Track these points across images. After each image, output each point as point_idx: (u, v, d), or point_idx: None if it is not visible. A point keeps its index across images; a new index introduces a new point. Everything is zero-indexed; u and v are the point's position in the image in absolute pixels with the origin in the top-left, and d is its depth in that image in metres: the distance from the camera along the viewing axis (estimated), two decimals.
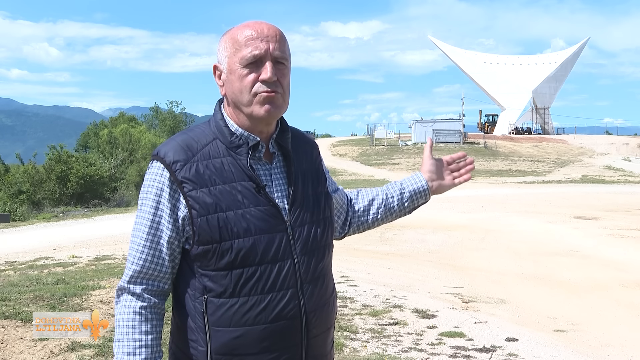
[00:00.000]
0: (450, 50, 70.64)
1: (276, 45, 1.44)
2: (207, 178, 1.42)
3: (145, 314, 1.44)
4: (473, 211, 15.25)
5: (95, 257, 9.20)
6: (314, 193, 1.55)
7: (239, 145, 1.46)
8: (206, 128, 1.51)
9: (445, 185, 1.87)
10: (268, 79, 1.41)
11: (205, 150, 1.45)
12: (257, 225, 1.41)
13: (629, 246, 10.32)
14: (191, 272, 1.46)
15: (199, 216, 1.40)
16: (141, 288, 1.45)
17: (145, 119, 66.15)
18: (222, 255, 1.40)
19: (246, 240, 1.40)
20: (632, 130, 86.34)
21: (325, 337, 1.54)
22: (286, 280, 1.43)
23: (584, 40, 70.86)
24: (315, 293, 1.49)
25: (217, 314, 1.42)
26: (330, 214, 1.59)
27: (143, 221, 1.45)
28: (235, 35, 1.45)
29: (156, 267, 1.46)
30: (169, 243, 1.45)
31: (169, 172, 1.42)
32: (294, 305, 1.44)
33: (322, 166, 1.65)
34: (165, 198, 1.43)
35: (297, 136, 1.62)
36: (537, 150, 43.19)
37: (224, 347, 1.42)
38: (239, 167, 1.44)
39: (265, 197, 1.44)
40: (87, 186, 22.00)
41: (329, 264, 1.59)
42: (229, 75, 1.46)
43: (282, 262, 1.43)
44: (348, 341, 4.98)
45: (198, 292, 1.44)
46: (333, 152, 40.75)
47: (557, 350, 5.02)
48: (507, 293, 7.10)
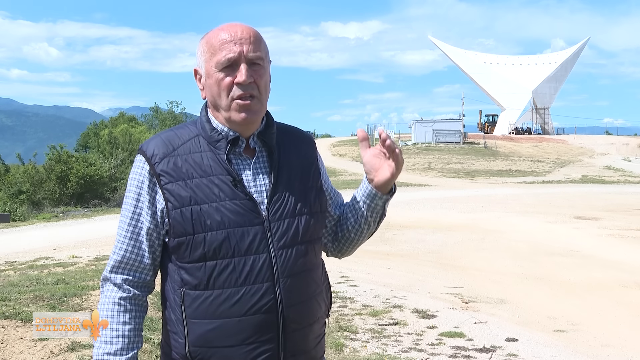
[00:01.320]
0: (450, 50, 70.63)
1: (250, 47, 1.45)
2: (185, 171, 1.46)
3: (125, 305, 1.49)
4: (473, 211, 15.25)
5: (95, 257, 9.21)
6: (302, 187, 1.55)
7: (218, 139, 1.50)
8: (192, 126, 1.56)
9: (383, 174, 1.56)
10: (243, 82, 1.44)
11: (187, 145, 1.50)
12: (231, 219, 1.44)
13: (629, 246, 10.32)
14: (171, 265, 1.50)
15: (173, 208, 1.44)
16: (122, 278, 1.50)
17: (145, 119, 66.19)
18: (195, 247, 1.43)
19: (219, 233, 1.43)
20: (632, 131, 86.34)
21: (306, 332, 1.53)
22: (261, 273, 1.44)
23: (584, 40, 70.86)
24: (295, 287, 1.48)
25: (193, 306, 1.45)
26: (320, 209, 1.58)
27: (125, 212, 1.51)
28: (210, 40, 1.49)
29: (136, 258, 1.50)
30: (149, 235, 1.49)
31: (148, 165, 1.48)
32: (269, 298, 1.44)
33: (317, 163, 1.64)
34: (145, 190, 1.48)
35: (289, 132, 1.63)
36: (537, 150, 43.19)
37: (200, 339, 1.45)
38: (218, 161, 1.48)
39: (242, 190, 1.46)
40: (87, 186, 21.99)
41: (314, 258, 1.57)
42: (207, 79, 1.50)
43: (257, 256, 1.44)
44: (348, 341, 4.98)
45: (177, 285, 1.48)
46: (333, 152, 40.73)
47: (557, 351, 5.02)
48: (507, 293, 7.10)
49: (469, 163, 34.82)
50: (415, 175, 29.86)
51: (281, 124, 1.63)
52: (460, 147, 42.58)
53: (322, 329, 1.62)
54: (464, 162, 35.28)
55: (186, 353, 1.46)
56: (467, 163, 34.79)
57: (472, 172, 31.27)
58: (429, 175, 30.04)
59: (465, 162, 35.05)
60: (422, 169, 32.27)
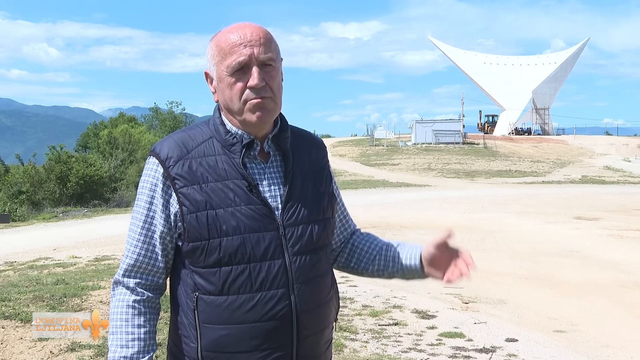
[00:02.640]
0: (450, 50, 70.64)
1: (261, 49, 1.42)
2: (200, 175, 1.43)
3: (139, 308, 1.46)
4: (473, 211, 15.24)
5: (95, 258, 9.21)
6: (315, 192, 1.54)
7: (232, 143, 1.47)
8: (204, 127, 1.52)
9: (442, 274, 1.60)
10: (255, 85, 1.41)
11: (200, 148, 1.47)
12: (246, 224, 1.42)
13: (628, 247, 10.32)
14: (184, 269, 1.48)
15: (188, 213, 1.42)
16: (135, 282, 1.48)
17: (145, 119, 66.18)
18: (210, 252, 1.41)
19: (235, 239, 1.41)
20: (631, 131, 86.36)
21: (318, 338, 1.53)
22: (276, 279, 1.43)
23: (584, 40, 70.91)
24: (309, 293, 1.48)
25: (207, 311, 1.43)
26: (332, 214, 1.58)
27: (138, 215, 1.48)
28: (220, 43, 1.45)
29: (149, 262, 1.48)
30: (162, 238, 1.47)
31: (162, 168, 1.45)
32: (284, 305, 1.43)
33: (328, 167, 1.63)
34: (159, 194, 1.45)
35: (302, 136, 1.61)
36: (536, 150, 43.19)
37: (213, 344, 1.43)
38: (233, 165, 1.45)
39: (257, 195, 1.44)
40: (87, 186, 21.97)
41: (326, 264, 1.57)
42: (219, 83, 1.47)
43: (272, 262, 1.43)
44: (348, 341, 4.98)
45: (190, 289, 1.46)
46: (333, 153, 40.73)
47: (557, 351, 5.02)
48: (507, 293, 7.10)
49: (469, 163, 34.82)
50: (415, 175, 29.88)
51: (294, 127, 1.61)
52: (460, 148, 42.58)
53: (331, 334, 1.62)
54: (464, 162, 35.28)
55: (198, 357, 1.44)
56: (467, 163, 34.78)
57: (472, 172, 31.27)
58: (428, 175, 30.03)
59: (465, 163, 35.05)
60: (422, 170, 32.27)
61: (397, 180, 26.71)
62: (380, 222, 12.71)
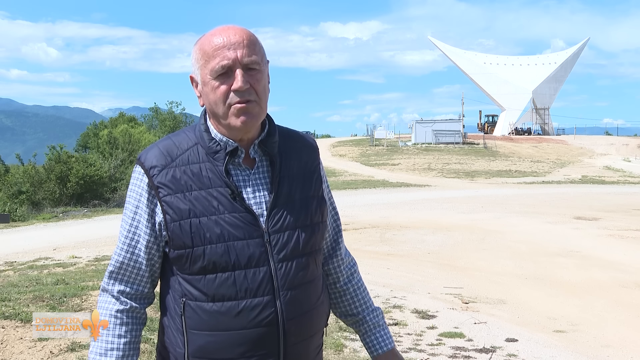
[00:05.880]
0: (450, 50, 70.63)
1: (245, 51, 1.40)
2: (184, 183, 1.43)
3: (121, 317, 1.47)
4: (473, 211, 15.24)
5: (95, 258, 9.21)
6: (303, 197, 1.51)
7: (216, 150, 1.46)
8: (190, 133, 1.52)
9: None
10: (239, 88, 1.39)
11: (185, 155, 1.46)
12: (230, 232, 1.41)
13: (628, 247, 10.32)
14: (172, 275, 1.49)
15: (172, 221, 1.42)
16: (118, 290, 1.49)
17: (145, 119, 66.20)
18: (194, 260, 1.42)
19: (219, 247, 1.41)
20: (631, 131, 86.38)
21: (307, 344, 1.52)
22: (261, 287, 1.42)
23: (584, 40, 70.90)
24: (296, 300, 1.46)
25: (193, 317, 1.44)
26: (321, 219, 1.55)
27: (124, 224, 1.50)
28: (203, 46, 1.43)
29: (133, 270, 1.48)
30: (147, 247, 1.47)
31: (147, 177, 1.45)
32: (270, 312, 1.43)
33: (319, 170, 1.60)
34: (144, 203, 1.46)
35: (292, 138, 1.59)
36: (536, 150, 43.20)
37: (200, 350, 1.44)
38: (217, 173, 1.44)
39: (240, 203, 1.43)
40: (87, 186, 21.95)
41: (315, 270, 1.55)
42: (203, 87, 1.45)
43: (257, 269, 1.42)
44: (348, 342, 4.98)
45: (177, 295, 1.47)
46: (333, 153, 40.73)
47: (557, 351, 5.02)
48: (507, 293, 7.10)
49: (469, 163, 34.82)
50: (415, 175, 29.88)
51: (284, 129, 1.59)
52: (460, 148, 42.59)
53: (321, 340, 1.61)
54: (464, 162, 35.28)
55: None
56: (467, 163, 34.79)
57: (471, 172, 31.26)
58: (428, 175, 30.04)
59: (465, 163, 35.05)
60: (422, 169, 32.27)
61: (397, 180, 26.71)
62: (380, 222, 12.68)
